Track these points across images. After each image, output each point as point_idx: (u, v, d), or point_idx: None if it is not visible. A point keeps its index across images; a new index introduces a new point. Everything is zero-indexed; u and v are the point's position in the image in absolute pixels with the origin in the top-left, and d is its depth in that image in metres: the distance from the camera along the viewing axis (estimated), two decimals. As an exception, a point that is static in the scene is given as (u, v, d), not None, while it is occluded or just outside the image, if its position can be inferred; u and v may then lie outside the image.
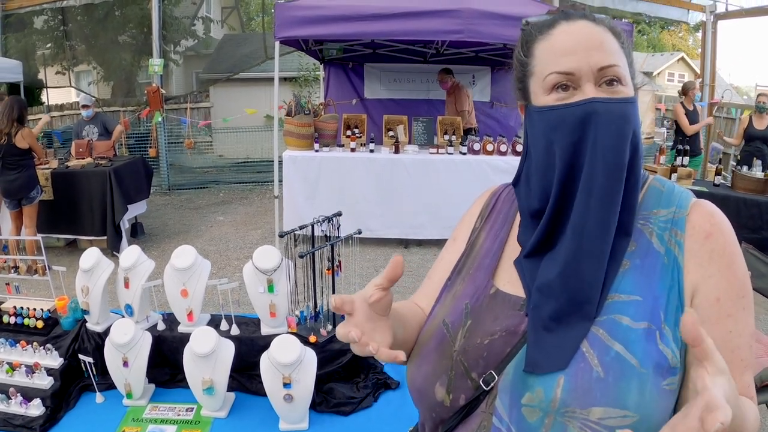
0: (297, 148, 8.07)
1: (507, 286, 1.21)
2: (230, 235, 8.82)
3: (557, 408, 1.00)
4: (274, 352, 2.29)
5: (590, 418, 0.98)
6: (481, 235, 1.35)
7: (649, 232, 1.11)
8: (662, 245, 1.09)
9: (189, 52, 18.43)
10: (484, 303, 1.20)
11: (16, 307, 2.94)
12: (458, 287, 1.28)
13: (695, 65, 26.94)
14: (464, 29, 6.98)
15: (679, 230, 1.09)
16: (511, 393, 1.07)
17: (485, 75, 11.11)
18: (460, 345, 1.17)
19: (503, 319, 1.16)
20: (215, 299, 2.73)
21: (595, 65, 1.07)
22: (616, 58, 1.09)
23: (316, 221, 2.64)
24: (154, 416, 2.44)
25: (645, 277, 1.06)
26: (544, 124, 1.12)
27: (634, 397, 0.97)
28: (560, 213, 1.11)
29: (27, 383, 2.53)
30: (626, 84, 1.09)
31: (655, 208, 1.13)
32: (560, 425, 1.00)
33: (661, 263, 1.07)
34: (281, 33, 7.36)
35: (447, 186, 7.80)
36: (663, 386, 0.99)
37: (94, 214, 7.56)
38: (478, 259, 1.30)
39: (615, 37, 1.11)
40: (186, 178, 12.74)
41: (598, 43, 1.09)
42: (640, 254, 1.09)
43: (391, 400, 2.55)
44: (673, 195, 1.15)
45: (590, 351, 1.01)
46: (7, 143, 6.59)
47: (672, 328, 1.02)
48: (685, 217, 1.10)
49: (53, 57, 15.28)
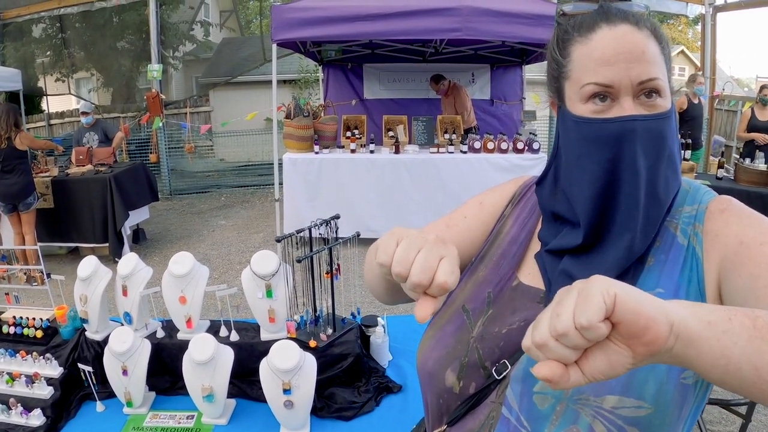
0: (297, 151, 8.05)
1: (528, 278, 1.21)
2: (232, 240, 8.82)
3: (570, 395, 0.99)
4: (273, 358, 2.27)
5: (604, 406, 0.97)
6: (507, 223, 1.33)
7: (674, 227, 1.10)
8: (685, 238, 1.08)
9: (188, 56, 18.47)
10: (506, 294, 1.21)
11: (15, 317, 2.93)
12: (481, 273, 1.28)
13: (695, 58, 26.88)
14: (462, 27, 6.95)
15: (699, 223, 1.08)
16: (523, 382, 1.06)
17: (485, 73, 11.08)
18: (478, 332, 1.17)
19: (522, 310, 1.16)
20: (215, 305, 2.71)
21: (636, 78, 1.03)
22: (657, 70, 1.04)
23: (314, 225, 2.62)
24: (155, 424, 2.43)
25: (668, 270, 1.06)
26: (579, 135, 1.10)
27: (650, 388, 0.96)
28: (597, 227, 1.10)
29: (27, 393, 2.52)
30: (665, 96, 1.06)
31: (680, 206, 1.13)
32: (572, 412, 0.99)
33: (683, 256, 1.07)
34: (278, 35, 7.35)
35: (448, 185, 7.80)
36: (680, 379, 0.98)
37: (95, 221, 7.57)
38: (503, 246, 1.29)
39: (657, 41, 1.06)
40: (187, 183, 12.75)
41: (641, 53, 1.03)
42: (664, 249, 1.09)
43: (394, 405, 2.52)
44: (698, 194, 1.14)
45: None
46: (7, 146, 6.72)
47: None
48: (705, 210, 1.09)
49: (52, 65, 15.33)
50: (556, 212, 1.17)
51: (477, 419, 1.12)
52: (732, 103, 12.58)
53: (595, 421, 0.97)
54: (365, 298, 6.13)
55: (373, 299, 6.09)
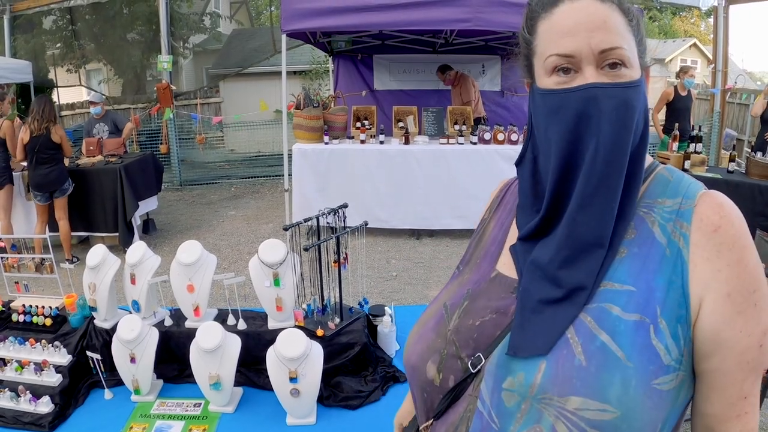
0: (307, 141, 8.04)
1: (505, 268, 1.20)
2: (242, 230, 8.83)
3: (535, 394, 0.97)
4: (279, 346, 2.28)
5: (567, 407, 0.94)
6: (489, 225, 1.34)
7: (651, 221, 1.05)
8: (664, 236, 1.03)
9: (198, 47, 18.49)
10: (483, 287, 1.20)
11: (25, 305, 2.95)
12: (465, 276, 1.29)
13: (707, 51, 26.70)
14: (472, 18, 6.93)
15: (685, 222, 1.02)
16: (495, 376, 1.04)
17: (495, 64, 11.04)
18: (453, 325, 1.17)
19: (496, 300, 1.15)
20: (223, 294, 2.72)
21: (597, 47, 1.02)
22: (620, 39, 1.02)
23: (321, 213, 2.62)
24: (162, 412, 2.44)
25: (642, 267, 1.02)
26: (545, 107, 1.09)
27: (616, 391, 0.93)
28: (558, 200, 1.07)
29: (36, 381, 2.53)
30: (631, 66, 1.03)
31: (660, 197, 1.07)
32: (536, 411, 0.97)
33: (661, 255, 1.02)
34: (288, 26, 7.35)
35: (458, 176, 7.77)
36: (652, 384, 0.95)
37: (106, 211, 7.62)
38: (484, 248, 1.30)
39: (623, 14, 1.04)
40: (197, 174, 12.76)
41: (601, 23, 1.02)
42: (638, 242, 1.04)
43: (400, 394, 2.50)
44: (680, 185, 1.08)
45: (575, 338, 0.98)
46: (45, 136, 6.92)
47: (670, 324, 0.97)
48: (692, 208, 1.03)
49: (63, 56, 15.35)
50: (534, 190, 1.16)
51: (457, 412, 1.12)
52: (744, 97, 12.47)
53: (558, 422, 0.95)
54: (376, 287, 6.15)
55: (382, 289, 6.10)
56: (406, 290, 6.22)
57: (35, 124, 6.88)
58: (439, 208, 7.89)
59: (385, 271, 6.79)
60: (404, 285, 6.37)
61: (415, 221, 8.00)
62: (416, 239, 8.03)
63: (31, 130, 6.89)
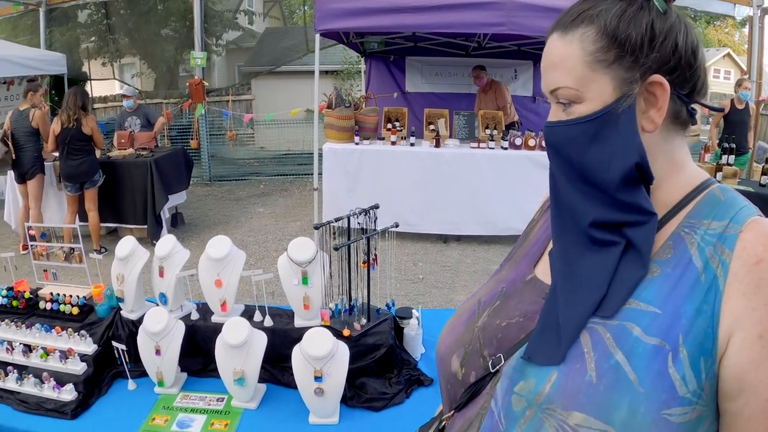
0: (337, 141, 8.03)
1: (542, 273, 1.19)
2: (270, 227, 8.86)
3: (541, 402, 0.96)
4: (305, 344, 2.26)
5: (568, 422, 0.92)
6: (536, 226, 1.34)
7: (691, 243, 0.99)
8: (701, 260, 0.96)
9: (231, 45, 18.55)
10: (518, 288, 1.20)
11: (52, 293, 2.97)
12: (503, 273, 1.30)
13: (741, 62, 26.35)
14: (506, 22, 6.88)
15: (727, 248, 0.95)
16: (510, 379, 1.04)
17: (527, 69, 10.96)
18: (482, 322, 1.18)
19: (526, 304, 1.15)
20: (250, 290, 2.71)
21: (546, 88, 1.07)
22: (564, 78, 1.02)
23: (353, 213, 2.61)
24: (185, 405, 2.43)
25: (672, 289, 0.96)
26: None
27: (621, 415, 0.89)
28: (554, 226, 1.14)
29: (60, 368, 2.54)
30: (585, 100, 1.01)
31: (707, 218, 1.00)
32: (538, 420, 0.96)
33: (695, 280, 0.95)
34: (321, 26, 7.35)
35: (488, 181, 7.71)
36: (662, 414, 0.89)
37: (135, 204, 7.71)
38: (526, 248, 1.30)
39: (593, 41, 1.00)
40: (227, 170, 12.82)
41: (550, 64, 1.06)
42: (673, 263, 0.98)
43: (424, 398, 2.50)
44: (732, 207, 1.01)
45: (590, 353, 0.95)
46: (75, 128, 6.99)
47: (692, 355, 0.91)
48: (737, 234, 0.96)
49: (97, 50, 15.49)
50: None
51: (475, 408, 1.12)
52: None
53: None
54: (401, 289, 6.13)
55: (408, 291, 6.08)
56: (432, 293, 6.19)
57: (66, 116, 6.96)
58: (466, 213, 7.84)
59: (411, 274, 6.77)
60: (430, 288, 6.35)
61: (442, 225, 7.97)
62: (443, 243, 7.99)
63: (62, 122, 6.97)
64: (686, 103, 1.03)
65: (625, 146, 0.99)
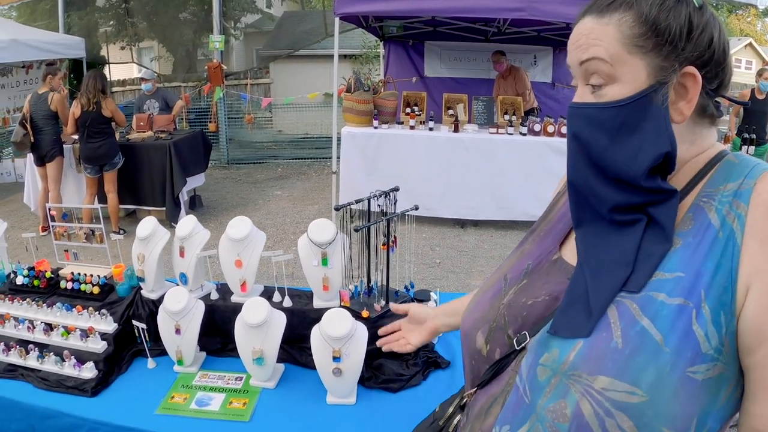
0: (356, 125, 8.02)
1: (569, 255, 1.20)
2: (287, 210, 8.88)
3: (566, 370, 0.98)
4: (325, 325, 2.27)
5: (594, 386, 0.94)
6: (561, 200, 1.34)
7: (709, 209, 1.00)
8: (719, 219, 0.98)
9: (249, 28, 18.55)
10: (543, 267, 1.22)
11: (73, 273, 2.99)
12: (527, 246, 1.31)
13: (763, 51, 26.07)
14: (526, 7, 6.82)
15: (742, 203, 0.96)
16: (535, 352, 1.06)
17: (547, 55, 10.89)
18: (507, 300, 1.20)
19: (552, 284, 1.16)
20: (269, 272, 2.72)
21: (577, 60, 1.06)
22: (599, 50, 1.02)
23: (373, 195, 2.60)
24: (204, 384, 2.45)
25: (693, 253, 0.97)
26: None
27: (649, 376, 0.91)
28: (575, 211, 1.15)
29: (81, 347, 2.56)
30: (617, 81, 1.01)
31: (722, 184, 1.02)
32: (564, 387, 0.97)
33: (713, 237, 0.97)
34: (341, 9, 7.33)
35: (506, 167, 7.68)
36: (686, 372, 0.91)
37: (154, 186, 7.76)
38: (551, 223, 1.31)
39: (630, 26, 1.00)
40: (245, 153, 12.85)
41: (584, 39, 1.05)
42: (694, 232, 0.99)
43: (441, 380, 2.50)
44: (745, 167, 1.02)
45: (617, 323, 0.96)
46: (95, 111, 7.04)
47: (713, 310, 0.92)
48: (751, 187, 0.97)
49: (116, 34, 15.53)
50: None
51: (499, 385, 1.15)
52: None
53: (583, 399, 0.94)
54: (418, 273, 6.13)
55: (424, 276, 6.08)
56: (449, 278, 6.19)
57: (86, 99, 7.00)
58: (484, 199, 7.82)
59: (428, 258, 6.77)
60: (447, 273, 6.34)
61: (459, 210, 7.94)
62: (461, 228, 7.98)
63: (82, 105, 7.01)
64: (712, 98, 1.04)
65: (657, 134, 0.99)
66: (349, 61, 17.43)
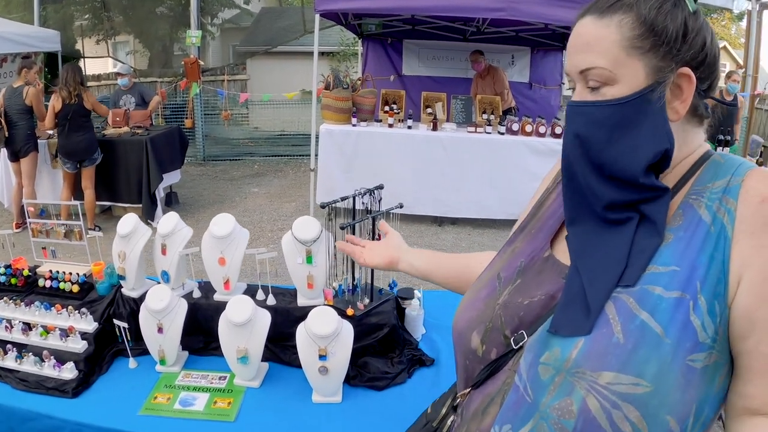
0: (334, 122, 8.00)
1: (561, 254, 1.21)
2: (264, 207, 8.85)
3: (569, 368, 1.00)
4: (311, 323, 2.25)
5: (599, 381, 0.96)
6: (551, 197, 1.35)
7: (699, 206, 1.05)
8: (710, 215, 1.03)
9: (227, 24, 18.46)
10: (536, 265, 1.23)
11: (51, 271, 2.94)
12: (518, 244, 1.32)
13: (738, 55, 26.34)
14: (506, 7, 6.84)
15: (731, 198, 1.02)
16: (534, 351, 1.08)
17: (525, 56, 10.97)
18: (503, 299, 1.21)
19: (547, 284, 1.17)
20: (251, 270, 2.70)
21: (576, 69, 1.08)
22: (598, 58, 1.05)
23: (358, 193, 2.59)
24: (187, 383, 2.42)
25: (686, 247, 1.02)
26: None
27: (652, 367, 0.95)
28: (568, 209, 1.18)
29: (61, 346, 2.52)
30: (617, 83, 1.04)
31: (710, 182, 1.07)
32: (568, 384, 1.00)
33: (705, 232, 1.02)
34: (322, 6, 7.30)
35: (484, 165, 7.71)
36: (686, 361, 0.95)
37: (130, 182, 7.69)
38: (542, 220, 1.32)
39: (630, 28, 1.03)
40: (221, 150, 12.77)
41: (584, 44, 1.07)
42: (685, 227, 1.04)
43: (426, 377, 2.50)
44: (731, 166, 1.08)
45: (615, 318, 0.99)
46: (77, 103, 6.98)
47: (708, 301, 0.97)
48: (739, 184, 1.03)
49: (91, 27, 15.38)
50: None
51: (495, 384, 1.16)
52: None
53: (589, 395, 0.97)
54: (396, 273, 6.10)
55: (404, 274, 6.07)
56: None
57: (67, 92, 6.90)
58: (462, 197, 7.84)
59: (407, 257, 6.74)
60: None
61: (437, 208, 7.95)
62: (438, 226, 7.99)
63: (63, 98, 6.91)
64: (703, 98, 1.09)
65: (656, 132, 1.03)
66: (326, 58, 17.41)
